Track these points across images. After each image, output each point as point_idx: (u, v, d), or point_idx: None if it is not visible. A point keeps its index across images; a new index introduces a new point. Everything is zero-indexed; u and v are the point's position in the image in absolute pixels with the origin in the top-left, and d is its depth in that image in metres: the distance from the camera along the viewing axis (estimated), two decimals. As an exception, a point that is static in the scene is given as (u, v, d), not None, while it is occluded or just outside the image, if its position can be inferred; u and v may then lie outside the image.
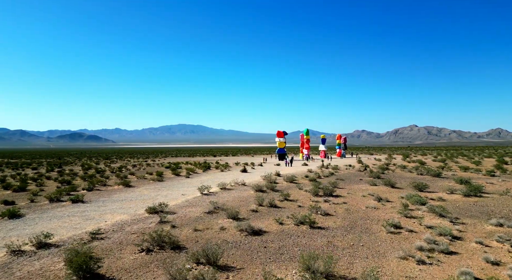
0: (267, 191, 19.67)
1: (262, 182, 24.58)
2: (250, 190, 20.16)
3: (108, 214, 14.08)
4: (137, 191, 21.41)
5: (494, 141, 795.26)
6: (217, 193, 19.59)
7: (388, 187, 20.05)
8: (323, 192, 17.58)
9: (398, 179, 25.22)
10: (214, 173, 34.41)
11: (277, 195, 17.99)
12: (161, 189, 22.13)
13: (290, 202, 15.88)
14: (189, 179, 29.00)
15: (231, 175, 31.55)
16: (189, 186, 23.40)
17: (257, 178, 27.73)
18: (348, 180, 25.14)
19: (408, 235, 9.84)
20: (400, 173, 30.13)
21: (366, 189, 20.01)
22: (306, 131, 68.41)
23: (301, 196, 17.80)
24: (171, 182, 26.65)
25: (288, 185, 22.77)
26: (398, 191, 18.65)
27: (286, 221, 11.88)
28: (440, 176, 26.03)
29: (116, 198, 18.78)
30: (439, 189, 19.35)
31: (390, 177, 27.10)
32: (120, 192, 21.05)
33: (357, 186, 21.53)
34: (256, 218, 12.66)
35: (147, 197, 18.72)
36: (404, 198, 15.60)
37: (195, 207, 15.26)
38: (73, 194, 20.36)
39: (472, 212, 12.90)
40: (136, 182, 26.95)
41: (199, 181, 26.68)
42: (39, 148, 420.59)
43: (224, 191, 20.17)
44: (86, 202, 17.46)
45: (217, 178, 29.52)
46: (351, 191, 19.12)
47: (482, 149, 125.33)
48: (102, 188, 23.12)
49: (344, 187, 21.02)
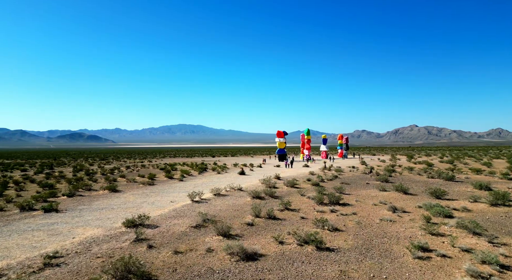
0: (265, 198, 17.66)
1: (260, 186, 22.59)
2: (247, 196, 18.15)
3: (79, 228, 12.08)
4: (122, 197, 19.41)
5: (494, 140, 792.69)
6: (209, 200, 17.58)
7: (400, 193, 18.02)
8: (328, 199, 15.57)
9: (408, 182, 23.20)
10: (210, 176, 32.42)
11: (276, 202, 15.99)
12: (150, 195, 20.13)
13: (291, 212, 13.87)
14: (182, 182, 26.99)
15: (228, 178, 29.55)
16: (180, 191, 21.41)
17: (255, 182, 25.73)
18: (354, 184, 23.13)
19: (441, 262, 7.81)
20: (408, 176, 28.10)
21: (375, 195, 17.99)
22: (307, 131, 66.36)
23: (304, 204, 15.79)
24: (162, 186, 24.65)
25: (289, 190, 20.77)
26: (412, 198, 16.63)
27: (288, 239, 9.87)
28: (454, 179, 24.00)
29: (96, 205, 16.77)
30: (458, 195, 17.32)
31: (399, 180, 25.11)
32: (103, 198, 19.05)
33: (365, 192, 19.52)
34: (251, 234, 10.66)
35: (131, 205, 16.71)
36: (422, 208, 13.57)
37: (182, 218, 13.25)
38: (51, 200, 18.37)
39: (508, 227, 10.87)
40: (125, 186, 24.95)
41: (193, 185, 24.69)
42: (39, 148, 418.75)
43: (218, 198, 18.16)
44: (61, 211, 15.45)
45: (213, 181, 27.52)
46: (359, 198, 17.10)
47: (486, 149, 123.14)
48: (85, 193, 21.13)
49: (351, 193, 19.01)
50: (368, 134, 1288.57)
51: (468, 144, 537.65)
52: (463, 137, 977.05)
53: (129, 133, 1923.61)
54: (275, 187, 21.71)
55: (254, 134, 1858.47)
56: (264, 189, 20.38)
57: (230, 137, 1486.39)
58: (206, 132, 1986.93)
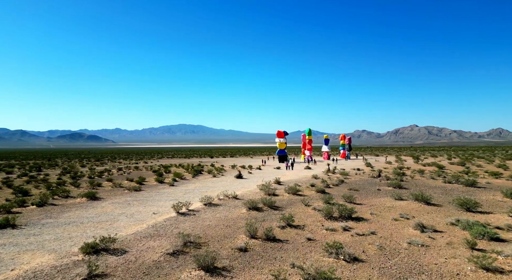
0: (263, 209, 15.11)
1: (258, 193, 20.05)
2: (242, 206, 15.60)
3: (28, 253, 9.55)
4: (99, 207, 16.87)
5: (494, 140, 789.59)
6: (198, 211, 15.03)
7: (421, 204, 15.46)
8: (338, 212, 13.02)
9: (424, 189, 20.67)
10: (205, 179, 29.88)
11: (276, 216, 13.46)
12: (132, 204, 17.60)
13: (295, 230, 11.33)
14: (172, 187, 24.46)
15: (223, 182, 27.01)
16: (168, 199, 18.88)
17: (253, 187, 23.19)
18: (364, 191, 20.59)
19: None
20: (422, 180, 25.56)
21: (392, 205, 15.43)
22: (308, 131, 63.77)
23: (310, 217, 13.25)
24: (149, 192, 22.12)
25: (291, 198, 18.23)
26: (438, 211, 14.07)
27: (291, 276, 7.34)
28: (476, 185, 21.45)
29: (64, 219, 14.24)
30: (490, 206, 14.75)
31: (412, 185, 22.56)
32: (77, 208, 16.51)
33: (378, 200, 16.98)
34: (243, 266, 8.12)
35: (106, 218, 14.18)
36: (458, 226, 11.01)
37: (159, 239, 10.70)
38: (16, 211, 15.85)
39: None
40: (108, 192, 22.42)
41: (184, 191, 22.16)
42: (39, 148, 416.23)
43: (209, 208, 15.61)
44: (19, 226, 12.92)
45: (207, 186, 25.00)
46: (374, 209, 14.56)
47: (491, 149, 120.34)
48: (59, 202, 18.61)
49: (363, 202, 16.45)
50: (368, 134, 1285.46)
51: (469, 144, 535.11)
52: (463, 138, 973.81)
53: (129, 134, 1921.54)
54: (275, 194, 19.19)
55: (254, 134, 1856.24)
56: (262, 197, 17.86)
57: (230, 138, 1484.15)
58: (206, 133, 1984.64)
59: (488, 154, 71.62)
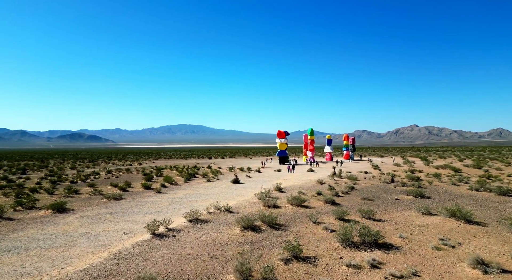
0: (261, 229, 12.05)
1: (256, 203, 16.98)
2: (235, 225, 12.52)
3: None
4: (62, 223, 13.84)
5: (495, 140, 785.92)
6: (180, 231, 11.97)
7: (459, 221, 12.37)
8: (359, 236, 9.95)
9: (450, 198, 17.63)
10: (198, 184, 26.84)
11: (278, 240, 10.42)
12: (103, 218, 14.55)
13: (304, 266, 8.28)
14: (159, 195, 21.43)
15: (217, 188, 23.96)
16: (148, 211, 15.84)
17: (250, 195, 20.14)
18: (380, 201, 17.54)
19: None
20: (442, 187, 22.51)
21: (422, 223, 12.36)
22: (310, 131, 60.71)
23: (322, 243, 10.19)
24: (130, 201, 19.07)
25: (295, 211, 15.16)
26: (486, 233, 10.98)
27: None
28: (510, 193, 18.38)
29: (9, 241, 11.19)
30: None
31: (435, 193, 19.52)
32: (34, 225, 13.47)
33: (401, 215, 13.93)
34: None
35: (62, 241, 11.13)
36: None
37: (115, 280, 7.66)
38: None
39: None
40: (83, 201, 19.40)
41: (170, 200, 19.13)
42: (39, 149, 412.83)
43: (193, 227, 12.55)
44: None
45: (198, 192, 21.98)
46: (402, 229, 11.49)
47: (497, 149, 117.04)
48: (20, 214, 15.59)
49: (384, 218, 13.39)
50: (368, 135, 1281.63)
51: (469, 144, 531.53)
52: (464, 137, 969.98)
53: (129, 134, 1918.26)
54: (276, 206, 16.14)
55: (255, 134, 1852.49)
56: (260, 210, 14.87)
57: (231, 138, 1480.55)
58: (206, 133, 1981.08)
59: (497, 155, 68.49)
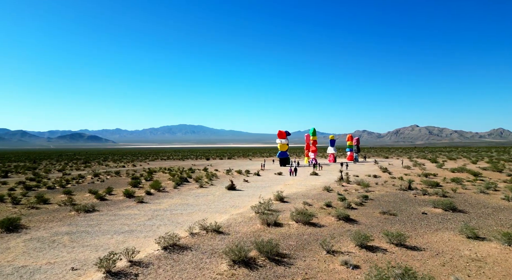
0: (257, 262, 8.90)
1: (253, 219, 13.80)
2: (223, 257, 9.33)
3: None
4: (1, 249, 10.72)
5: (496, 141, 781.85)
6: (147, 266, 8.82)
7: (522, 251, 9.25)
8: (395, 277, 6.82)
9: (486, 211, 14.51)
10: (188, 191, 23.71)
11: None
12: (56, 242, 11.40)
13: None
14: (140, 205, 18.29)
15: (209, 197, 20.82)
16: (118, 230, 12.71)
17: (246, 207, 16.96)
18: (404, 215, 14.40)
19: None
20: (470, 195, 19.37)
21: (475, 255, 9.21)
22: (313, 131, 57.51)
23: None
24: (101, 215, 15.92)
25: (302, 232, 11.99)
26: None
27: None
28: (560, 206, 15.23)
29: None
30: None
31: (465, 204, 16.37)
32: (-37, 253, 10.35)
33: (439, 238, 10.78)
34: None
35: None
36: None
37: None
38: None
39: None
40: (46, 214, 16.26)
41: (151, 213, 15.98)
42: (39, 149, 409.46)
43: (167, 259, 9.39)
44: None
45: (187, 202, 18.85)
46: (450, 263, 8.36)
47: (505, 150, 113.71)
48: (-44, 235, 12.45)
49: (420, 245, 10.23)
50: (369, 135, 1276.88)
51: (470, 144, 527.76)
52: (464, 138, 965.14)
53: (130, 134, 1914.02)
54: (277, 224, 12.97)
55: (255, 134, 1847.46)
56: (257, 229, 11.75)
57: (231, 138, 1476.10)
58: (206, 133, 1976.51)
59: (508, 156, 65.27)
